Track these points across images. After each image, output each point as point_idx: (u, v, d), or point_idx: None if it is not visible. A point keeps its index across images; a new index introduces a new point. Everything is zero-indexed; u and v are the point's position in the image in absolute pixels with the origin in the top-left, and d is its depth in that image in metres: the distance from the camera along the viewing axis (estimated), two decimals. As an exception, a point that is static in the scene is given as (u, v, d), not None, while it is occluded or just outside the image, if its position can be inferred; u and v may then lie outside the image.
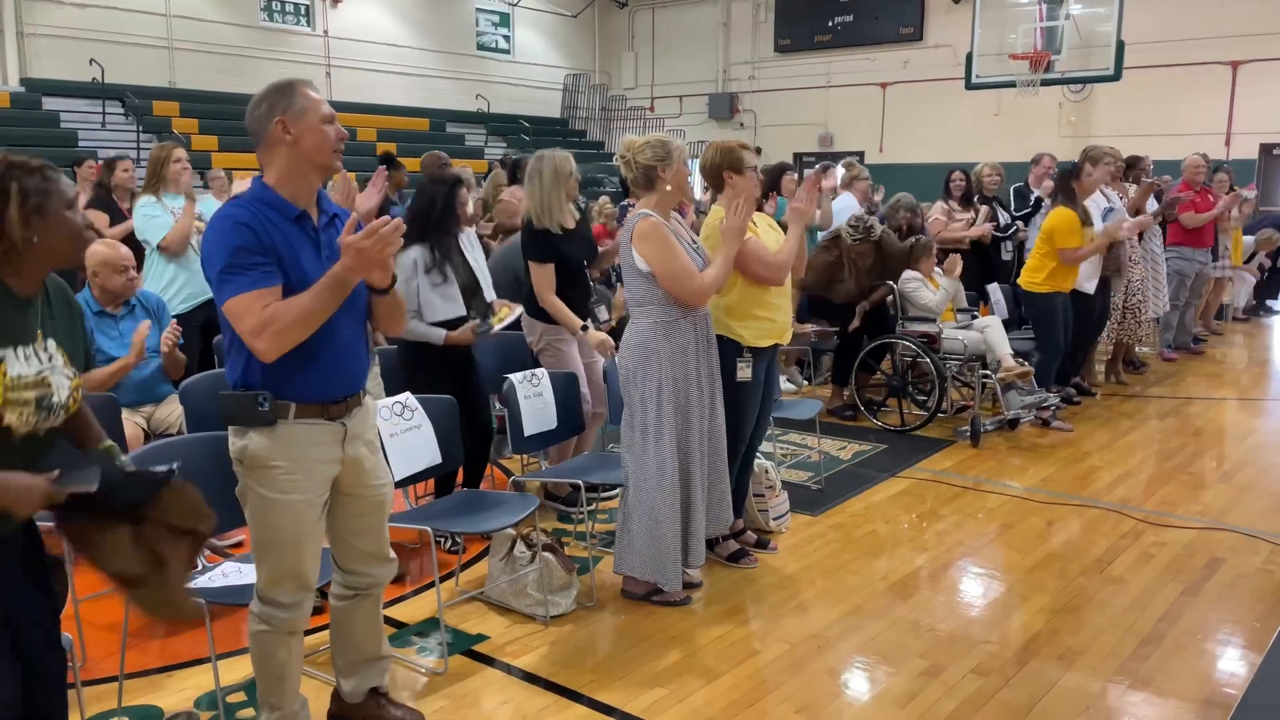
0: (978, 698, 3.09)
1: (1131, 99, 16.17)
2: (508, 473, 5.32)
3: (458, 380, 4.07)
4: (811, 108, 21.67)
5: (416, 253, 4.06)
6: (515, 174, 7.30)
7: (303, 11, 18.99)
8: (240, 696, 3.07)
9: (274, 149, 2.47)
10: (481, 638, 3.52)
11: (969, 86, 13.30)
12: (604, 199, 8.83)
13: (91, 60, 15.48)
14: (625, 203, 6.35)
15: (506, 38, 22.72)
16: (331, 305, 2.39)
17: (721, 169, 3.90)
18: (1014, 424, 6.22)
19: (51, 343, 2.02)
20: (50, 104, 14.92)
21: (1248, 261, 10.93)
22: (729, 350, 3.89)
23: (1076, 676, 3.22)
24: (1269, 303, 11.67)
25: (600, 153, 21.38)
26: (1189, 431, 6.31)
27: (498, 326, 4.07)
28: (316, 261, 2.48)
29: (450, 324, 4.09)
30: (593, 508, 4.56)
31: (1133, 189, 7.19)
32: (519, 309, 4.23)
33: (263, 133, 2.46)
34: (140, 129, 15.10)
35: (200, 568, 3.02)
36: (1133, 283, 7.05)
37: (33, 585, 2.06)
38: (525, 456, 5.09)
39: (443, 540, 4.19)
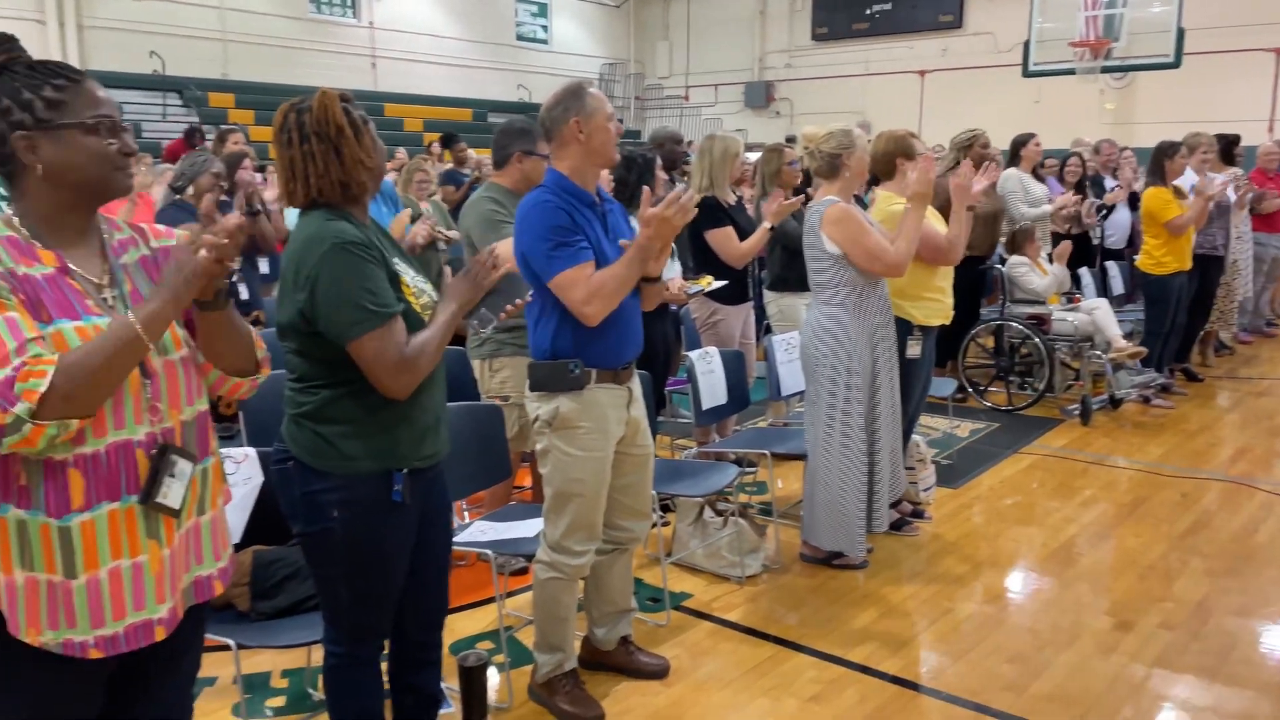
0: (1173, 648, 3.32)
1: (1174, 86, 16.27)
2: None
3: (665, 344, 4.30)
4: (849, 95, 21.72)
5: None
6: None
7: (349, 3, 19.19)
8: (489, 645, 3.32)
9: (568, 145, 2.71)
10: (685, 595, 3.76)
11: (1026, 74, 13.42)
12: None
13: (152, 53, 15.74)
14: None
15: (544, 27, 22.90)
16: (639, 272, 2.65)
17: (894, 156, 4.12)
18: (1118, 403, 6.42)
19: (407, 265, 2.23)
20: (111, 96, 15.16)
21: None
22: (900, 329, 4.11)
23: (1256, 629, 3.44)
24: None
25: (637, 141, 21.57)
26: (1288, 410, 6.52)
27: (695, 289, 4.30)
28: (606, 240, 2.73)
29: None
30: (751, 479, 4.79)
31: (1231, 171, 7.35)
32: (723, 282, 4.44)
33: (558, 130, 2.70)
34: (200, 120, 15.34)
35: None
36: (1228, 265, 7.25)
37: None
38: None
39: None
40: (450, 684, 2.99)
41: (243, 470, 2.69)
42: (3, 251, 1.49)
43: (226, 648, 2.45)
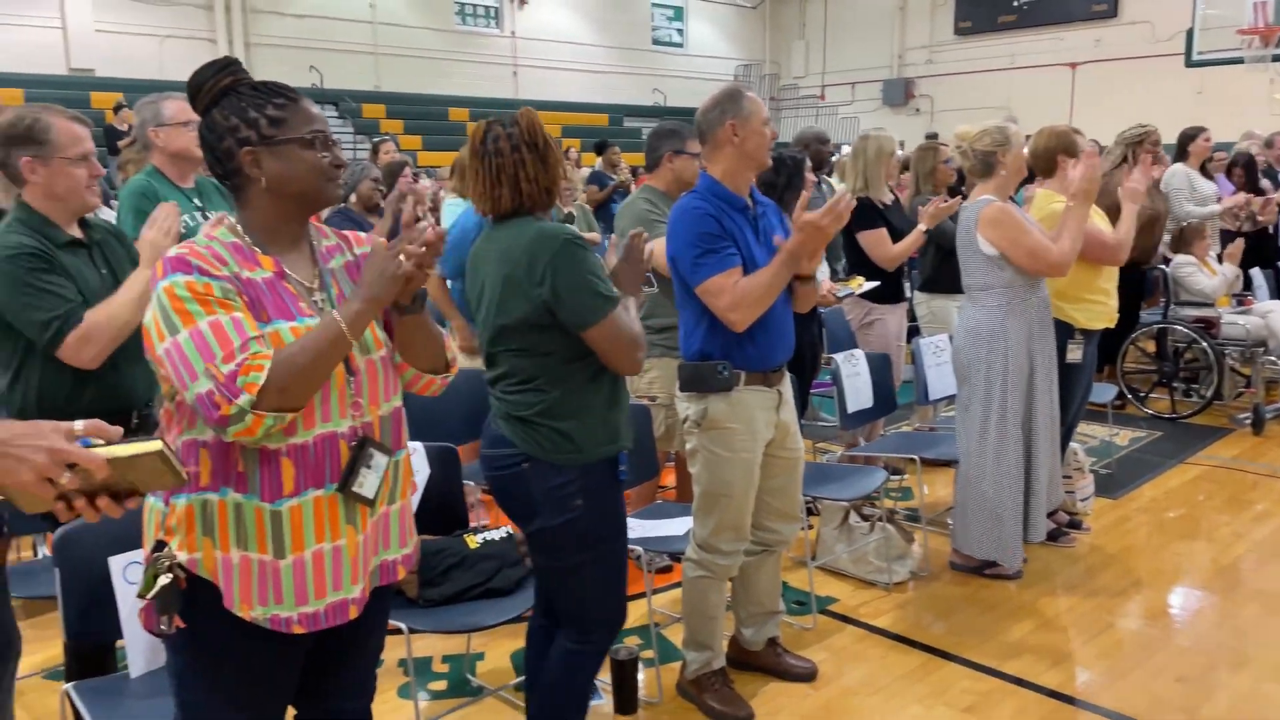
0: (1364, 676, 3.10)
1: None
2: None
3: (812, 347, 4.29)
4: (993, 90, 20.96)
5: None
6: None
7: (492, 14, 19.79)
8: (636, 640, 3.38)
9: (722, 148, 2.74)
10: (831, 599, 3.74)
11: (1189, 64, 12.70)
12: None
13: (311, 67, 16.61)
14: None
15: (680, 31, 23.02)
16: (786, 278, 2.66)
17: (1056, 153, 3.99)
18: (1294, 412, 6.02)
19: None
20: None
21: None
22: (1061, 332, 3.98)
23: None
24: None
25: (778, 144, 21.38)
26: None
27: (845, 292, 4.28)
28: (757, 244, 2.75)
29: None
30: (897, 485, 4.72)
31: None
32: (874, 283, 4.41)
33: (713, 133, 2.74)
34: (354, 131, 16.12)
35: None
36: None
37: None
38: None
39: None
40: (602, 677, 3.08)
41: (411, 464, 2.83)
42: (229, 256, 1.63)
43: (396, 631, 2.58)
